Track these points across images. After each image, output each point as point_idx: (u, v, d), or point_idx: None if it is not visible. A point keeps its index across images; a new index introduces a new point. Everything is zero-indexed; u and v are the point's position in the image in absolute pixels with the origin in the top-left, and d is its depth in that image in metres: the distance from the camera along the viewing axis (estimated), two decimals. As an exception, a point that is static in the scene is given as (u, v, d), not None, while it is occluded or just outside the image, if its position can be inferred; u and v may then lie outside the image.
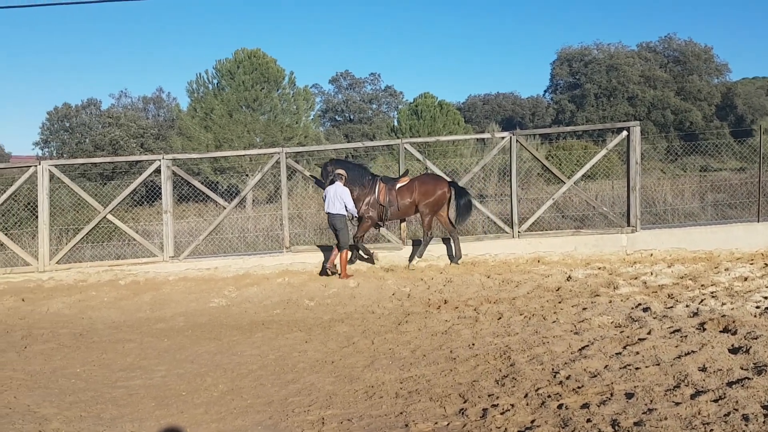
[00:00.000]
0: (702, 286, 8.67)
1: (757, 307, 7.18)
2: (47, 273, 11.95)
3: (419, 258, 11.39)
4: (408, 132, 33.36)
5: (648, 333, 6.36)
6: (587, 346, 6.10)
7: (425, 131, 32.95)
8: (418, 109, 35.06)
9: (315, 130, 35.38)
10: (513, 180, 12.06)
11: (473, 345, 6.63)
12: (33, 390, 6.17)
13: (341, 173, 11.01)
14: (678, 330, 6.34)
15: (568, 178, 12.27)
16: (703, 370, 5.05)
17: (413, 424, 4.63)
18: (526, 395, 4.94)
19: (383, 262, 11.71)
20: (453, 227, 11.56)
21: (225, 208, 12.45)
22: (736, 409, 4.19)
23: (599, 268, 10.48)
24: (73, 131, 50.69)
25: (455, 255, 11.47)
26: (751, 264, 10.14)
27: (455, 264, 11.37)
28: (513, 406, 4.73)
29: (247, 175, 24.21)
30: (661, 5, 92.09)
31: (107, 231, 14.45)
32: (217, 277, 11.53)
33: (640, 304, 7.78)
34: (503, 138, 12.33)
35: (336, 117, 66.68)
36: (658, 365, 5.26)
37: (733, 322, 6.45)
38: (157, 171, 12.28)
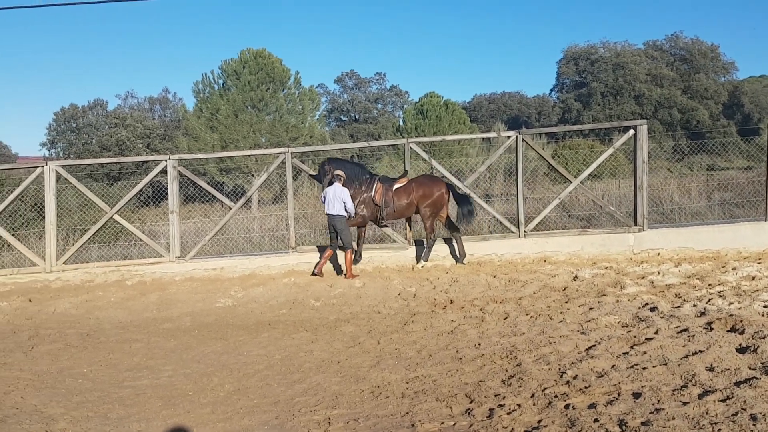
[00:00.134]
0: (709, 285, 8.63)
1: (765, 307, 7.12)
2: (54, 273, 11.99)
3: (425, 262, 11.38)
4: (413, 132, 33.36)
5: (655, 333, 6.33)
6: (594, 345, 6.08)
7: (431, 131, 32.93)
8: (423, 109, 35.04)
9: (320, 130, 35.41)
10: (519, 179, 12.04)
11: (479, 345, 6.62)
12: (40, 390, 6.18)
13: (340, 174, 11.01)
14: (685, 329, 6.32)
15: (574, 177, 12.25)
16: (711, 369, 5.03)
17: (419, 424, 4.62)
18: (532, 395, 4.92)
19: (389, 262, 11.71)
20: (455, 228, 11.55)
21: (231, 208, 12.47)
22: (744, 409, 4.16)
23: (606, 267, 10.44)
24: (80, 132, 50.89)
25: (459, 255, 11.46)
26: (759, 263, 10.08)
27: (461, 264, 11.37)
28: (520, 406, 4.72)
29: (253, 176, 24.28)
30: (668, 3, 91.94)
31: (114, 231, 14.52)
32: (224, 278, 11.55)
33: (647, 303, 7.75)
34: (509, 137, 12.31)
35: (341, 117, 66.66)
36: (665, 365, 5.24)
37: (741, 321, 6.41)
38: (164, 171, 12.32)
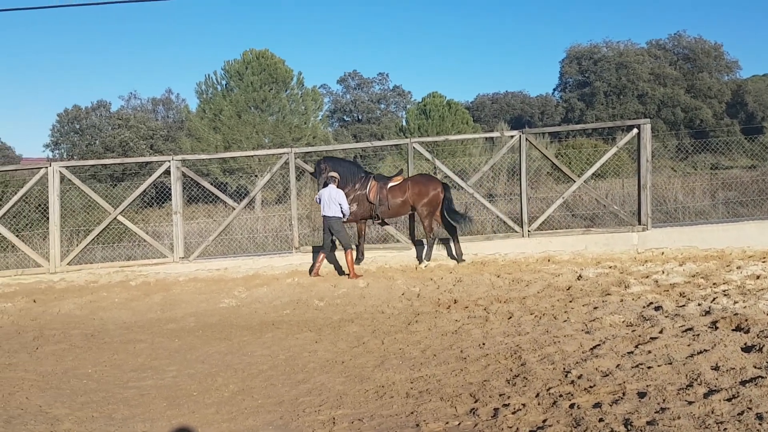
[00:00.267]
0: (714, 284, 8.60)
1: (770, 306, 7.11)
2: (58, 274, 12.01)
3: (428, 261, 11.37)
4: (416, 132, 33.36)
5: (660, 332, 6.31)
6: (599, 345, 6.06)
7: (434, 131, 32.94)
8: (426, 109, 35.05)
9: (323, 130, 35.46)
10: (522, 179, 12.02)
11: (484, 344, 6.61)
12: (45, 391, 6.19)
13: (334, 176, 11.01)
14: (690, 329, 6.30)
15: (578, 176, 12.22)
16: (716, 368, 5.01)
17: (424, 423, 4.61)
18: (537, 395, 4.91)
19: (392, 262, 11.71)
20: (452, 227, 11.54)
21: (234, 208, 12.48)
22: (749, 408, 4.14)
23: (610, 266, 10.42)
24: (83, 133, 50.97)
25: (456, 254, 11.45)
26: (764, 262, 10.05)
27: (461, 263, 11.35)
28: (524, 405, 4.71)
29: (256, 176, 24.26)
30: (671, 2, 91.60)
31: (118, 232, 14.54)
32: (227, 278, 11.56)
33: (651, 302, 7.73)
34: (512, 137, 12.30)
35: (344, 117, 66.71)
36: (670, 364, 5.23)
37: (746, 320, 6.39)
38: (167, 172, 12.33)
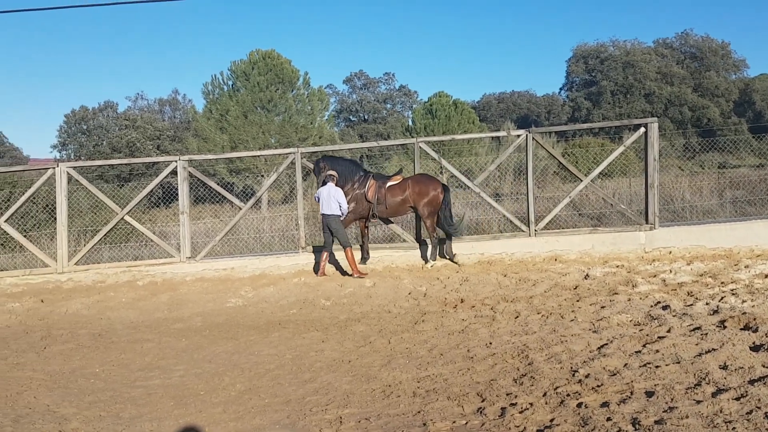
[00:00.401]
0: (722, 283, 8.56)
1: (779, 305, 7.08)
2: (66, 274, 12.04)
3: (433, 261, 11.36)
4: (423, 131, 33.36)
5: (668, 331, 6.29)
6: (606, 344, 6.04)
7: (440, 130, 32.93)
8: (432, 109, 35.04)
9: (329, 130, 35.50)
10: (529, 178, 11.99)
11: (490, 344, 6.60)
12: (53, 390, 6.21)
13: (333, 174, 11.02)
14: (698, 328, 6.27)
15: (585, 175, 12.19)
16: (724, 368, 4.99)
17: (431, 423, 4.60)
18: (544, 394, 4.90)
19: (399, 262, 11.70)
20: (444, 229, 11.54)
21: (241, 208, 12.49)
22: (758, 407, 4.12)
23: (617, 266, 10.39)
24: (91, 134, 51.20)
25: (447, 253, 11.44)
26: (772, 261, 10.00)
27: (454, 261, 11.34)
28: (532, 404, 4.70)
29: (263, 176, 24.32)
30: (678, 1, 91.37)
31: (125, 232, 14.60)
32: (234, 278, 11.57)
33: (659, 302, 7.70)
34: (519, 136, 12.27)
35: (350, 117, 66.77)
36: (678, 363, 5.21)
37: (754, 319, 6.37)
38: (174, 172, 12.35)
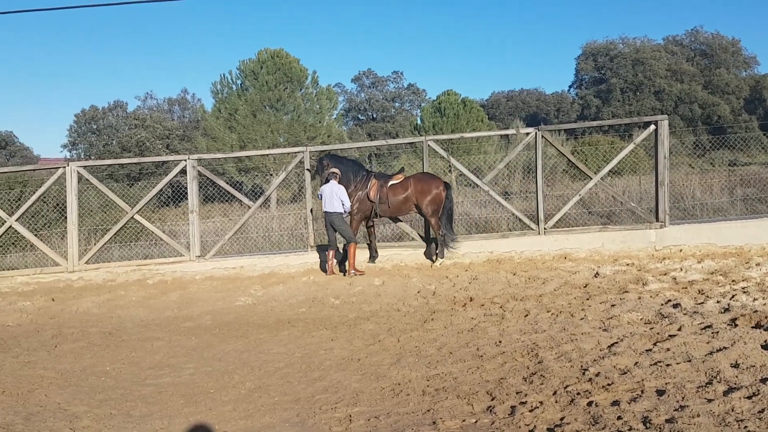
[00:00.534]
0: (733, 281, 8.51)
1: (791, 303, 7.02)
2: (76, 273, 12.10)
3: (441, 258, 11.34)
4: (431, 130, 33.32)
5: (678, 329, 6.26)
6: (616, 343, 6.02)
7: (448, 129, 32.87)
8: (441, 107, 34.96)
9: (338, 129, 35.51)
10: (538, 176, 11.95)
11: (500, 342, 6.58)
12: (63, 388, 6.24)
13: (335, 172, 11.02)
14: (709, 326, 6.24)
15: (594, 173, 12.14)
16: (736, 366, 4.96)
17: (441, 421, 4.60)
18: (554, 392, 4.89)
19: (408, 260, 11.69)
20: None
21: (250, 207, 12.51)
22: (771, 406, 4.10)
23: (627, 264, 10.34)
24: (100, 133, 51.46)
25: (437, 254, 11.41)
26: (784, 259, 9.93)
27: (437, 261, 11.33)
28: (542, 403, 4.69)
29: (271, 175, 24.39)
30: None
31: (135, 231, 14.65)
32: (243, 276, 11.59)
33: (669, 300, 7.67)
34: (528, 134, 12.22)
35: (359, 116, 66.78)
36: (689, 362, 5.18)
37: (766, 317, 6.33)
38: (183, 171, 12.38)
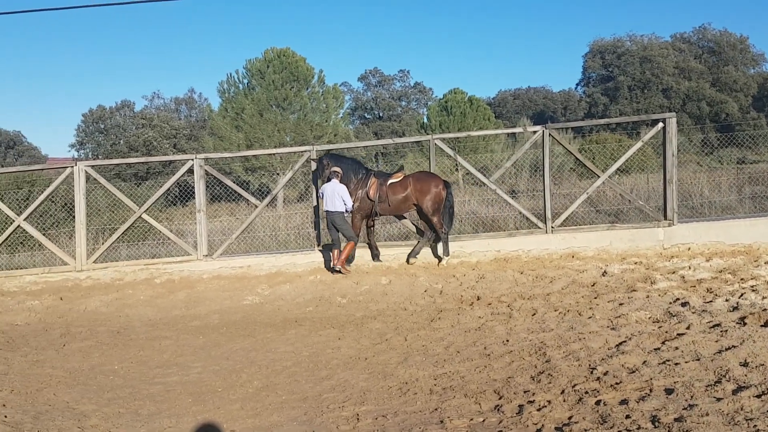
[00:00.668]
0: (742, 279, 8.47)
1: (801, 301, 6.98)
2: (84, 272, 12.14)
3: (447, 256, 11.32)
4: (438, 128, 33.30)
5: (687, 328, 6.23)
6: (625, 341, 6.00)
7: (455, 127, 32.85)
8: (447, 105, 34.94)
9: (344, 128, 35.53)
10: (546, 174, 11.91)
11: (507, 341, 6.57)
12: (72, 387, 6.27)
13: (337, 171, 11.02)
14: (718, 324, 6.21)
15: (602, 171, 12.09)
16: (745, 365, 4.93)
17: (448, 420, 4.59)
18: (562, 391, 4.87)
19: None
20: (431, 229, 11.50)
21: (257, 206, 12.53)
22: (781, 405, 4.08)
23: (635, 262, 10.30)
24: (108, 133, 51.67)
25: (414, 253, 11.42)
26: (793, 257, 9.88)
27: (410, 261, 11.35)
28: (550, 402, 4.67)
29: (278, 174, 24.41)
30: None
31: (142, 230, 14.67)
32: (250, 275, 11.61)
33: (678, 298, 7.63)
34: (535, 132, 12.18)
35: (365, 115, 66.74)
36: (698, 360, 5.15)
37: (775, 316, 6.29)
38: (190, 171, 12.41)
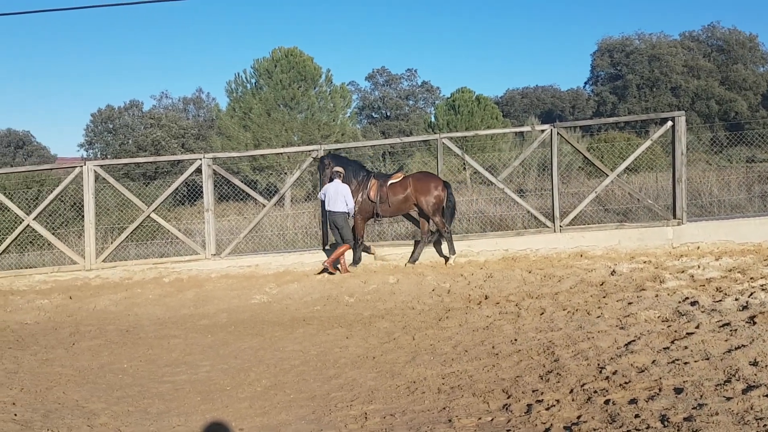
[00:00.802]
0: (751, 279, 8.42)
1: (811, 301, 6.94)
2: (94, 271, 12.20)
3: (453, 255, 11.31)
4: (445, 127, 33.27)
5: (696, 327, 6.20)
6: (634, 341, 5.97)
7: (463, 126, 32.81)
8: (455, 104, 34.90)
9: (352, 127, 35.55)
10: (554, 173, 11.89)
11: (516, 340, 6.56)
12: (81, 385, 6.30)
13: (339, 171, 11.04)
14: (727, 324, 6.17)
15: (610, 170, 12.05)
16: (755, 364, 4.90)
17: (456, 419, 4.59)
18: (571, 391, 4.86)
19: (422, 258, 11.67)
20: (429, 231, 11.50)
21: (264, 206, 12.56)
22: (791, 405, 4.05)
23: (644, 261, 10.26)
24: (116, 132, 51.85)
25: (413, 258, 11.43)
26: (803, 256, 9.82)
27: (407, 264, 11.34)
28: (558, 401, 4.66)
29: (286, 173, 24.43)
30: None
31: (151, 230, 14.75)
32: (258, 274, 11.64)
33: (687, 297, 7.59)
34: (543, 131, 12.16)
35: (373, 114, 66.66)
36: (707, 360, 5.13)
37: (786, 315, 6.26)
38: (198, 170, 12.45)
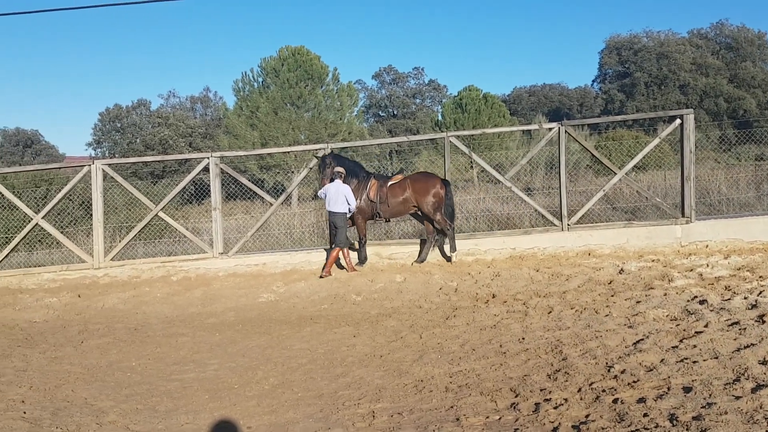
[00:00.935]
0: (760, 277, 8.37)
1: (821, 299, 6.90)
2: (102, 270, 12.24)
3: (455, 252, 11.29)
4: (452, 126, 33.19)
5: (705, 326, 6.17)
6: (642, 339, 5.95)
7: (470, 125, 32.71)
8: (462, 103, 34.79)
9: (359, 125, 35.56)
10: (562, 171, 11.85)
11: (523, 339, 6.54)
12: (90, 383, 6.32)
13: (340, 171, 11.06)
14: (736, 322, 6.14)
15: (618, 168, 12.00)
16: (764, 363, 4.88)
17: (464, 418, 4.58)
18: (579, 390, 4.84)
19: (429, 257, 11.66)
20: (435, 230, 11.48)
21: (272, 204, 12.57)
22: (801, 404, 4.03)
23: (653, 260, 10.22)
24: (124, 131, 52.05)
25: (420, 259, 11.43)
26: (813, 255, 9.76)
27: (414, 264, 11.33)
28: (566, 400, 4.65)
29: (293, 172, 24.44)
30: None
31: (159, 228, 14.79)
32: (266, 273, 11.65)
33: (696, 296, 7.56)
34: (551, 129, 12.13)
35: (379, 112, 66.63)
36: (716, 358, 5.11)
37: (795, 314, 6.22)
38: (206, 169, 12.47)
